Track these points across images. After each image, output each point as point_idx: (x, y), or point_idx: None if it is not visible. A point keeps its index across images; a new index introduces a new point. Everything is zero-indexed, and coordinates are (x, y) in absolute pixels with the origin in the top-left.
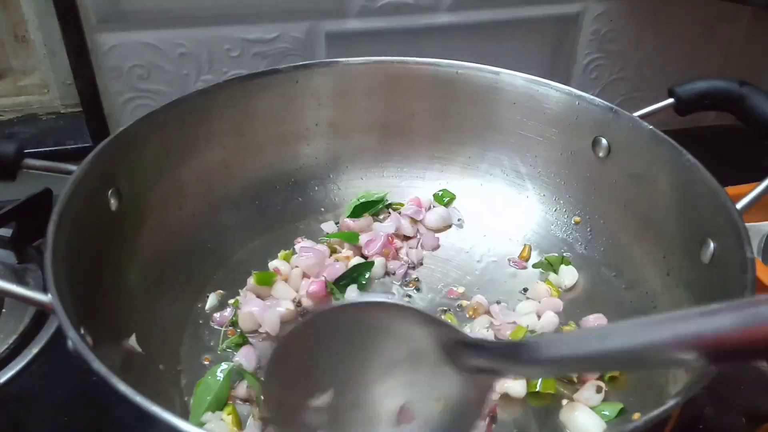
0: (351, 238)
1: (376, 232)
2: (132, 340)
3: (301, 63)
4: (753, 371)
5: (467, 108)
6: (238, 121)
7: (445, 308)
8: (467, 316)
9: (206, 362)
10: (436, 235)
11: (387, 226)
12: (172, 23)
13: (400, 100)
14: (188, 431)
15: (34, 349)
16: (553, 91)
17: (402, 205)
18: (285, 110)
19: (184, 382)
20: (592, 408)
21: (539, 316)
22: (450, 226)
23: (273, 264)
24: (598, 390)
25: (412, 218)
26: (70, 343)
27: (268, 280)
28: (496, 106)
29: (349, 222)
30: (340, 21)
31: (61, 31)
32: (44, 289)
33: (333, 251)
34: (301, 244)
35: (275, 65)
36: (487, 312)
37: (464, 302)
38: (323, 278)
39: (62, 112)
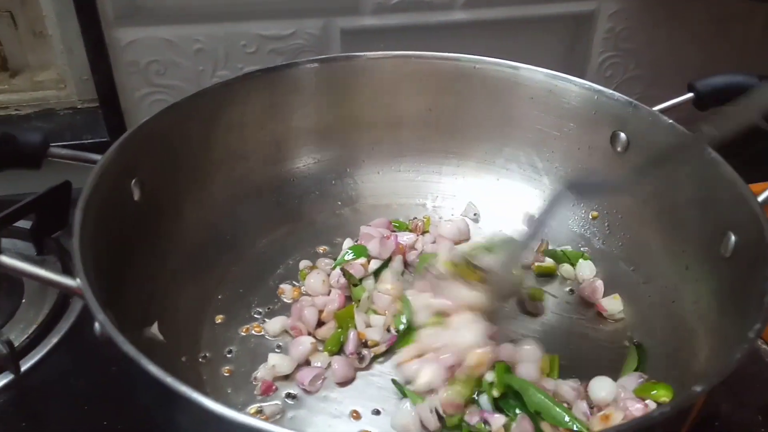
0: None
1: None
2: (154, 328)
3: (320, 57)
4: (765, 365)
5: (484, 103)
6: (258, 114)
7: None
8: None
9: (228, 354)
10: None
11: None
12: (189, 19)
13: (418, 95)
14: (219, 411)
15: (54, 339)
16: (571, 85)
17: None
18: (304, 103)
19: (205, 377)
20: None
21: None
22: (468, 239)
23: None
24: None
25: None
26: (97, 327)
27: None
28: (513, 101)
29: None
30: (355, 18)
31: (80, 27)
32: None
33: None
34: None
35: (291, 61)
36: None
37: None
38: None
39: (79, 107)
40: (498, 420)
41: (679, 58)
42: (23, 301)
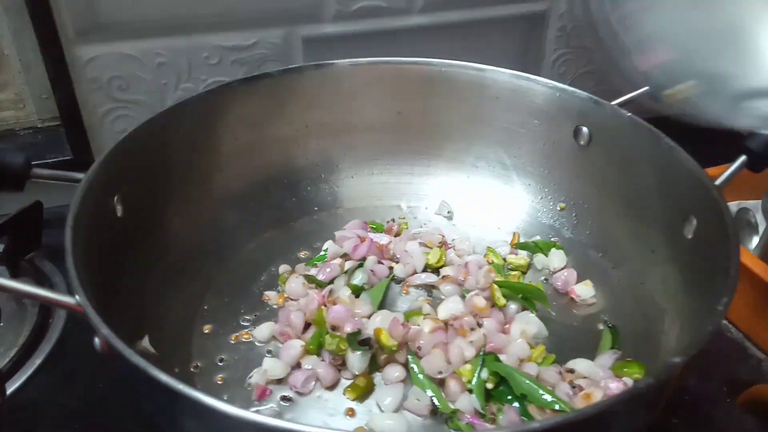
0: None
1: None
2: (145, 342)
3: (290, 67)
4: (730, 343)
5: (452, 105)
6: (232, 125)
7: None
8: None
9: (220, 363)
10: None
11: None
12: (150, 33)
13: (386, 99)
14: (238, 414)
15: (37, 360)
16: (534, 84)
17: (406, 225)
18: (276, 113)
19: (199, 386)
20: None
21: None
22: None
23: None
24: None
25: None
26: (97, 342)
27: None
28: (479, 101)
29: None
30: (316, 26)
31: (39, 45)
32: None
33: None
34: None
35: (254, 71)
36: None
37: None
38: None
39: (39, 126)
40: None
41: None
42: (0, 324)
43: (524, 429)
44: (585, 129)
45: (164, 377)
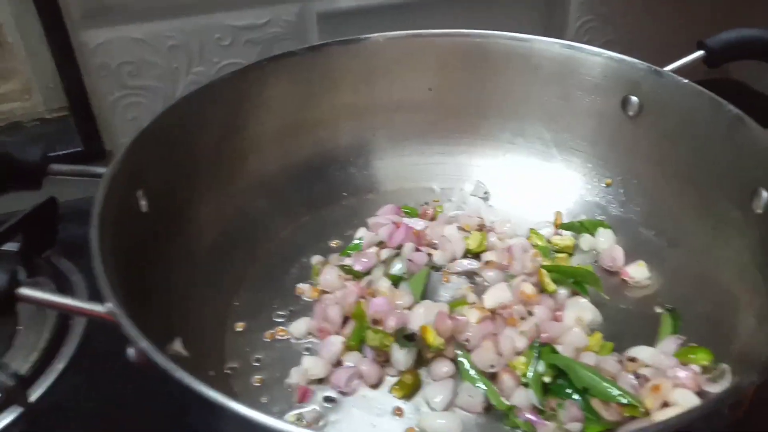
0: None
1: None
2: (177, 345)
3: (315, 44)
4: None
5: (486, 78)
6: (257, 109)
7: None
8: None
9: (256, 363)
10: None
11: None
12: (159, 15)
13: (417, 75)
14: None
15: (60, 364)
16: (579, 53)
17: (441, 208)
18: (302, 94)
19: (236, 389)
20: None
21: None
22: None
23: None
24: None
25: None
26: (131, 352)
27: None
28: (517, 73)
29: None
30: (330, 1)
31: (44, 31)
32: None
33: None
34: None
35: (268, 51)
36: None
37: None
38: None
39: (47, 117)
40: (548, 427)
41: (655, 21)
42: (19, 327)
43: None
44: (635, 99)
45: (209, 391)
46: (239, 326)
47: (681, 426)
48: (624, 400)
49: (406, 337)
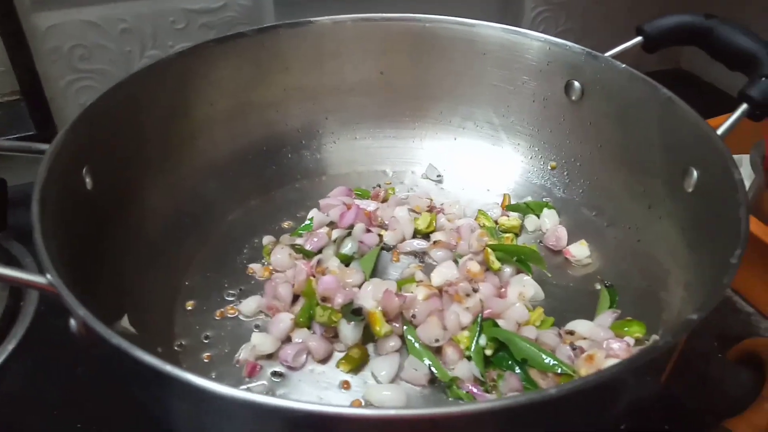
0: None
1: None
2: (125, 321)
3: (266, 25)
4: None
5: (436, 62)
6: (206, 89)
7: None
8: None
9: (205, 340)
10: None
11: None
12: None
13: (368, 59)
14: (228, 394)
15: (9, 346)
16: (524, 38)
17: (393, 190)
18: (252, 76)
19: (185, 365)
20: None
21: None
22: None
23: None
24: None
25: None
26: (73, 324)
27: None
28: (465, 58)
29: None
30: None
31: None
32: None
33: None
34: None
35: (223, 35)
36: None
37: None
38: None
39: None
40: (488, 399)
41: (608, 9)
42: None
43: (538, 397)
44: (577, 83)
45: (149, 358)
46: (189, 305)
47: (602, 382)
48: (559, 370)
49: (353, 312)
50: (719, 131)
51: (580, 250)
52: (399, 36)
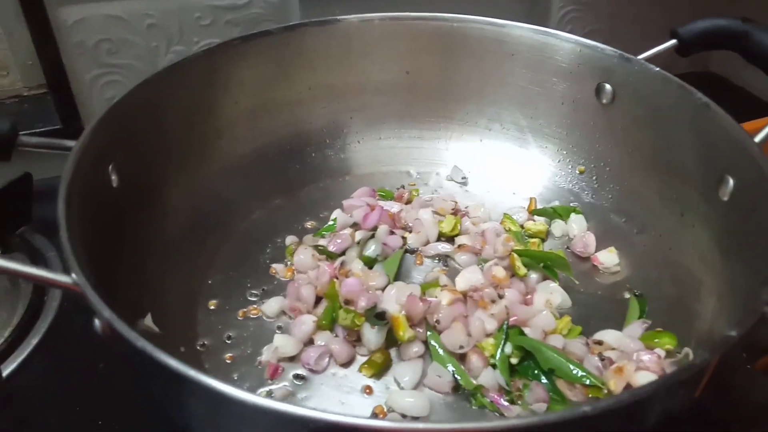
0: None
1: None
2: (148, 320)
3: (292, 23)
4: None
5: (464, 63)
6: (231, 88)
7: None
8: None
9: (228, 340)
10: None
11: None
12: None
13: (395, 58)
14: (244, 399)
15: (34, 339)
16: (555, 39)
17: (417, 192)
18: (278, 75)
19: (207, 366)
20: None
21: None
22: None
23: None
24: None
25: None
26: (97, 324)
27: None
28: (493, 59)
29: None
30: None
31: (21, 8)
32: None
33: None
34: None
35: (248, 32)
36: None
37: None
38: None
39: (25, 94)
40: (513, 411)
41: (637, 10)
42: None
43: (568, 416)
44: (608, 86)
45: (172, 362)
46: (212, 304)
47: (635, 400)
48: (588, 381)
49: (377, 316)
50: (757, 138)
51: (608, 258)
52: (426, 36)
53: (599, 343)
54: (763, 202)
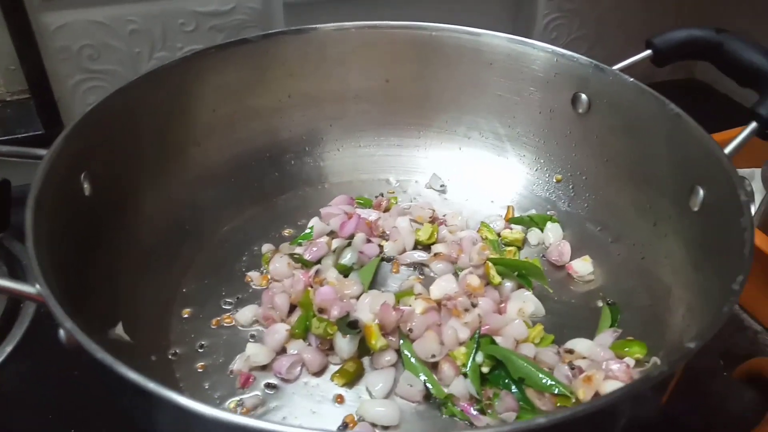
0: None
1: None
2: (119, 329)
3: (270, 32)
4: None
5: (442, 71)
6: (208, 95)
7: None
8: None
9: (200, 349)
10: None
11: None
12: None
13: (373, 66)
14: (202, 412)
15: (8, 348)
16: (531, 49)
17: (396, 200)
18: (256, 82)
19: (178, 375)
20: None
21: None
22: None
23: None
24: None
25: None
26: (62, 334)
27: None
28: (472, 67)
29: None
30: None
31: (2, 13)
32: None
33: None
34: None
35: (232, 38)
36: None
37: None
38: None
39: (8, 99)
40: (482, 420)
41: (622, 17)
42: None
43: (526, 427)
44: (584, 96)
45: (131, 374)
46: (186, 312)
47: (592, 411)
48: (556, 390)
49: (349, 325)
50: (727, 150)
51: (583, 266)
52: (404, 44)
53: (570, 351)
54: (731, 214)
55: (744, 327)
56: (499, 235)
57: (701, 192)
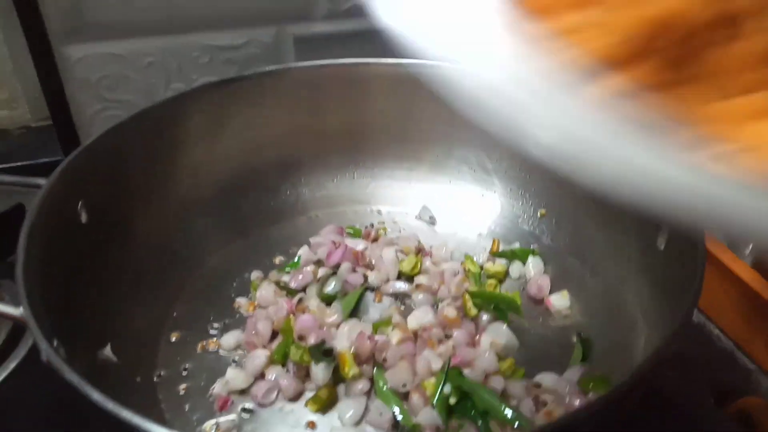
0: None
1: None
2: (107, 350)
3: (267, 69)
4: (720, 352)
5: (432, 106)
6: (207, 128)
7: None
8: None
9: (184, 372)
10: None
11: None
12: (139, 33)
13: (366, 102)
14: None
15: (11, 365)
16: None
17: (385, 230)
18: (253, 116)
19: (161, 396)
20: None
21: None
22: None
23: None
24: None
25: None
26: (43, 355)
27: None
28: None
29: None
30: (307, 24)
31: (27, 45)
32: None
33: None
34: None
35: (245, 70)
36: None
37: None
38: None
39: (33, 126)
40: None
41: None
42: None
43: None
44: None
45: (98, 397)
46: (174, 336)
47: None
48: (516, 424)
49: (324, 353)
50: None
51: (560, 301)
52: (393, 80)
53: (537, 386)
54: (688, 251)
55: (738, 365)
56: (482, 267)
57: (666, 231)
